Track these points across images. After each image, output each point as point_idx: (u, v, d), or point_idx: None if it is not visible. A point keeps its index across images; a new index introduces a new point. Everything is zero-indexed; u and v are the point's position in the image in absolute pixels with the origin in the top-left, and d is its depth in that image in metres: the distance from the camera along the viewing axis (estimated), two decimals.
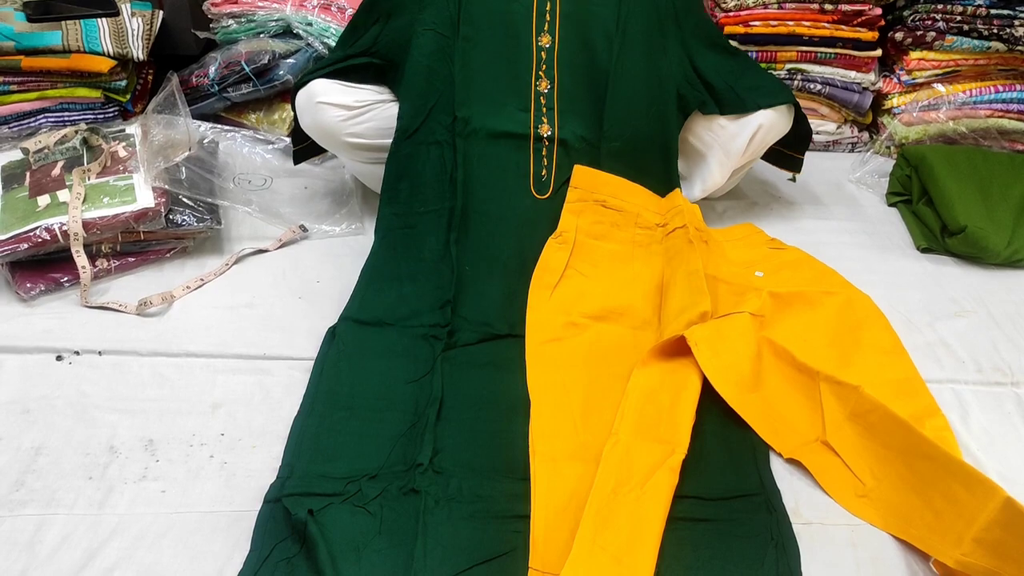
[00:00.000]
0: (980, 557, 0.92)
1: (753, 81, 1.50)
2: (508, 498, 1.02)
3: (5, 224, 1.34)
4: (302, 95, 1.45)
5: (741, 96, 1.47)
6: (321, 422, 1.13)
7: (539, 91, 1.44)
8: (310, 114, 1.45)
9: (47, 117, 1.69)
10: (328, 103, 1.42)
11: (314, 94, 1.43)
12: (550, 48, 1.43)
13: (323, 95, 1.43)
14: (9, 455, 1.08)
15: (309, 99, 1.44)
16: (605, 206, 1.45)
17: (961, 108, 1.85)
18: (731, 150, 1.50)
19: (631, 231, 1.44)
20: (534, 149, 1.45)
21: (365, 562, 0.95)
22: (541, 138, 1.45)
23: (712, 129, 1.49)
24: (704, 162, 1.55)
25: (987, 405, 1.22)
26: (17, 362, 1.23)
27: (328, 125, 1.44)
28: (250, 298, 1.38)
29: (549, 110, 1.44)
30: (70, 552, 0.96)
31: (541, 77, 1.44)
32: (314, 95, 1.43)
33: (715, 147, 1.52)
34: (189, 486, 1.05)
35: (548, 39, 1.43)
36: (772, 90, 1.49)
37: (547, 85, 1.44)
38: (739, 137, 1.49)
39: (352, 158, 1.50)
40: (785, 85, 1.53)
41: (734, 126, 1.48)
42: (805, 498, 1.07)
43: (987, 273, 1.52)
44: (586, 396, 1.17)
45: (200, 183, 1.49)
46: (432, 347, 1.25)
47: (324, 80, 1.44)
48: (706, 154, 1.54)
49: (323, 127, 1.45)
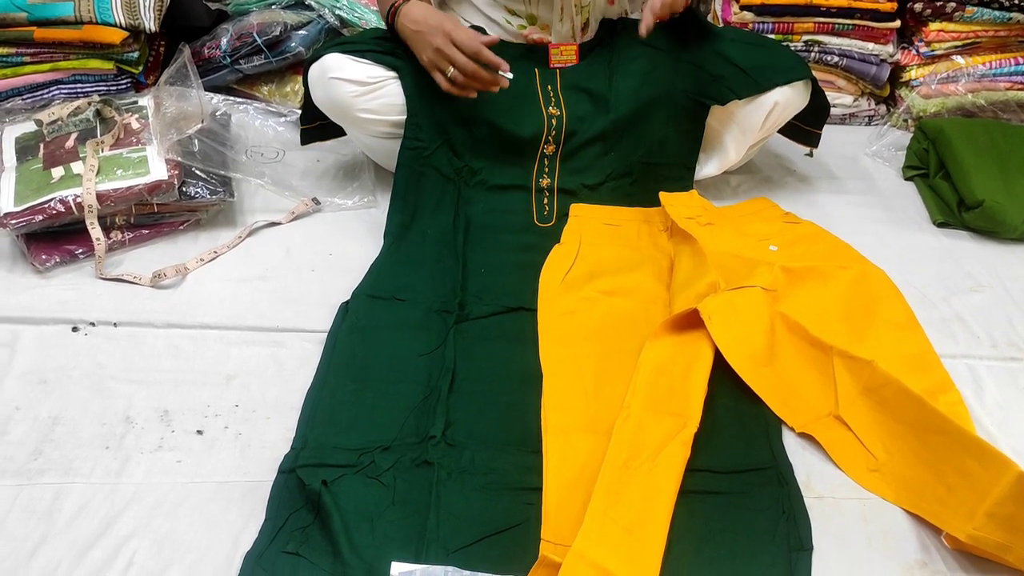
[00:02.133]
0: (992, 531, 0.92)
1: (767, 59, 1.47)
2: (520, 470, 1.03)
3: (20, 196, 1.35)
4: (315, 69, 1.44)
5: (756, 78, 1.45)
6: (334, 394, 1.13)
7: (545, 153, 1.50)
8: (322, 88, 1.44)
9: (60, 89, 1.68)
10: (341, 78, 1.41)
11: (327, 68, 1.42)
12: (559, 116, 1.48)
13: (336, 70, 1.41)
14: (27, 425, 1.10)
15: (322, 73, 1.43)
16: (606, 224, 1.47)
17: (980, 80, 1.83)
18: (747, 128, 1.49)
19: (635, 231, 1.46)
20: (536, 196, 1.51)
21: (379, 532, 0.96)
22: (542, 188, 1.51)
23: (727, 107, 1.48)
24: (719, 140, 1.54)
25: (1002, 380, 1.21)
26: (33, 333, 1.24)
27: (340, 100, 1.43)
28: (263, 271, 1.38)
29: (551, 169, 1.51)
30: (88, 520, 0.98)
31: (549, 142, 1.49)
32: (327, 70, 1.42)
33: (731, 125, 1.51)
34: (204, 456, 1.07)
35: (557, 111, 1.48)
36: (787, 66, 1.47)
37: (553, 149, 1.50)
38: (755, 115, 1.47)
39: (364, 132, 1.50)
40: (801, 59, 1.51)
41: (750, 104, 1.47)
42: (817, 472, 1.07)
43: (1004, 248, 1.51)
44: (598, 369, 1.17)
45: (213, 155, 1.49)
46: (444, 320, 1.26)
47: (338, 54, 1.42)
48: (722, 132, 1.53)
49: (335, 101, 1.44)
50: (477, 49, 1.32)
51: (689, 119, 1.49)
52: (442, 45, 1.32)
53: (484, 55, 1.32)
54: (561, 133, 1.49)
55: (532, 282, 1.32)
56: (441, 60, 1.34)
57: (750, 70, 1.45)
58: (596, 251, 1.40)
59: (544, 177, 1.51)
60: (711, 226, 1.41)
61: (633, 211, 1.50)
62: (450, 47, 1.32)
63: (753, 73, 1.45)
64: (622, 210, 1.50)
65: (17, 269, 1.36)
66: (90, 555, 0.94)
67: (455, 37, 1.32)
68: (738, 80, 1.45)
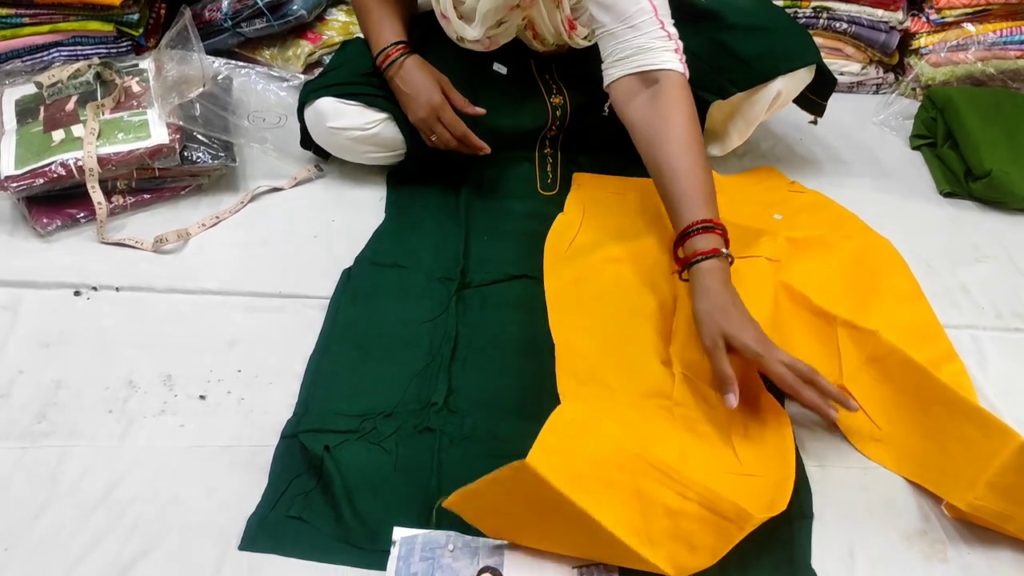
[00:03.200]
0: (992, 501, 0.92)
1: (769, 46, 1.40)
2: (522, 437, 1.02)
3: (21, 159, 1.34)
4: (310, 115, 1.42)
5: (757, 68, 1.39)
6: (336, 360, 1.13)
7: (547, 136, 1.49)
8: (322, 137, 1.43)
9: (60, 51, 1.67)
10: (339, 128, 1.40)
11: (324, 117, 1.40)
12: (563, 105, 1.47)
13: (333, 118, 1.39)
14: (31, 388, 1.10)
15: (319, 123, 1.41)
16: (610, 193, 1.46)
17: (991, 49, 1.80)
18: (750, 117, 1.46)
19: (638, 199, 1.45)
20: (539, 164, 1.49)
21: (381, 498, 0.96)
22: (545, 156, 1.50)
23: (730, 100, 1.44)
24: (723, 128, 1.52)
25: (1005, 351, 1.21)
26: (36, 297, 1.23)
27: (342, 146, 1.43)
28: (265, 236, 1.38)
29: (554, 142, 1.50)
30: (91, 483, 0.98)
31: (552, 128, 1.49)
32: (324, 118, 1.40)
33: (734, 115, 1.48)
34: (207, 421, 1.07)
35: (560, 99, 1.47)
36: (791, 52, 1.40)
37: (555, 132, 1.49)
38: (758, 105, 1.43)
39: (370, 162, 1.49)
40: (806, 38, 1.43)
41: (752, 96, 1.43)
42: (819, 441, 1.07)
43: (1010, 219, 1.50)
44: (608, 336, 1.17)
45: (214, 120, 1.47)
46: (447, 287, 1.26)
47: (330, 99, 1.39)
48: (724, 121, 1.51)
49: (337, 148, 1.45)
50: (463, 134, 1.35)
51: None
52: (428, 118, 1.35)
53: (469, 140, 1.36)
54: (565, 119, 1.48)
55: (535, 250, 1.32)
56: (425, 129, 1.37)
57: (752, 60, 1.39)
58: (600, 220, 1.39)
59: (547, 148, 1.50)
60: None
61: (636, 180, 1.48)
62: (436, 124, 1.35)
63: (754, 63, 1.39)
64: (625, 180, 1.49)
65: (19, 233, 1.35)
66: (94, 517, 0.94)
67: (443, 117, 1.34)
68: (739, 72, 1.40)
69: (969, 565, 0.93)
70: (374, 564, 0.90)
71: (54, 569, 0.89)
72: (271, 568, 0.91)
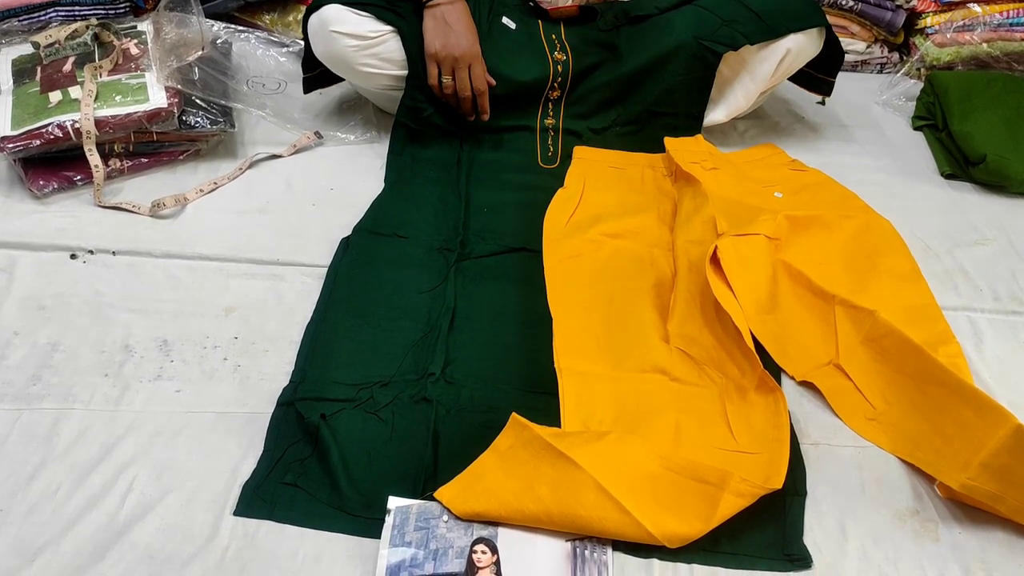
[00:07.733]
0: (985, 482, 0.92)
1: (782, 4, 1.44)
2: (519, 410, 1.03)
3: (17, 119, 1.32)
4: (315, 20, 1.40)
5: (769, 23, 1.42)
6: (334, 329, 1.13)
7: (549, 98, 1.49)
8: (323, 42, 1.41)
9: (57, 11, 1.65)
10: (341, 32, 1.38)
11: (327, 21, 1.38)
12: (566, 62, 1.47)
13: (336, 23, 1.37)
14: (26, 350, 1.09)
15: (322, 26, 1.39)
16: (611, 167, 1.46)
17: (996, 30, 1.79)
18: (758, 75, 1.47)
19: (639, 175, 1.44)
20: (540, 136, 1.49)
21: (376, 467, 0.96)
22: (547, 129, 1.50)
23: (739, 54, 1.46)
24: (730, 87, 1.52)
25: (1002, 333, 1.21)
26: (31, 259, 1.23)
27: (341, 53, 1.40)
28: (263, 203, 1.37)
29: (556, 111, 1.50)
30: (87, 446, 0.98)
31: (555, 88, 1.48)
32: (327, 22, 1.38)
33: (742, 72, 1.49)
34: (203, 387, 1.07)
35: (563, 56, 1.47)
36: (802, 13, 1.44)
37: (558, 94, 1.49)
38: (767, 62, 1.45)
39: (365, 85, 1.47)
40: (816, 5, 1.48)
41: (762, 52, 1.45)
42: (813, 419, 1.07)
43: (1010, 201, 1.49)
44: (607, 311, 1.17)
45: (213, 84, 1.46)
46: (445, 258, 1.25)
47: (337, 6, 1.38)
48: (732, 79, 1.50)
49: (335, 55, 1.41)
50: (483, 90, 1.40)
51: (700, 67, 1.47)
52: (461, 59, 1.37)
53: (483, 100, 1.40)
54: (567, 79, 1.47)
55: (535, 223, 1.31)
56: (446, 66, 1.38)
57: (764, 14, 1.43)
58: (600, 194, 1.39)
59: (549, 118, 1.49)
60: (716, 171, 1.40)
61: (637, 155, 1.48)
62: (463, 70, 1.37)
63: (766, 17, 1.42)
64: (626, 154, 1.48)
65: (15, 194, 1.34)
66: (89, 479, 0.94)
67: (474, 68, 1.38)
68: (751, 24, 1.42)
69: (960, 544, 0.94)
70: (369, 532, 0.90)
71: (49, 530, 0.89)
72: (266, 534, 0.91)
